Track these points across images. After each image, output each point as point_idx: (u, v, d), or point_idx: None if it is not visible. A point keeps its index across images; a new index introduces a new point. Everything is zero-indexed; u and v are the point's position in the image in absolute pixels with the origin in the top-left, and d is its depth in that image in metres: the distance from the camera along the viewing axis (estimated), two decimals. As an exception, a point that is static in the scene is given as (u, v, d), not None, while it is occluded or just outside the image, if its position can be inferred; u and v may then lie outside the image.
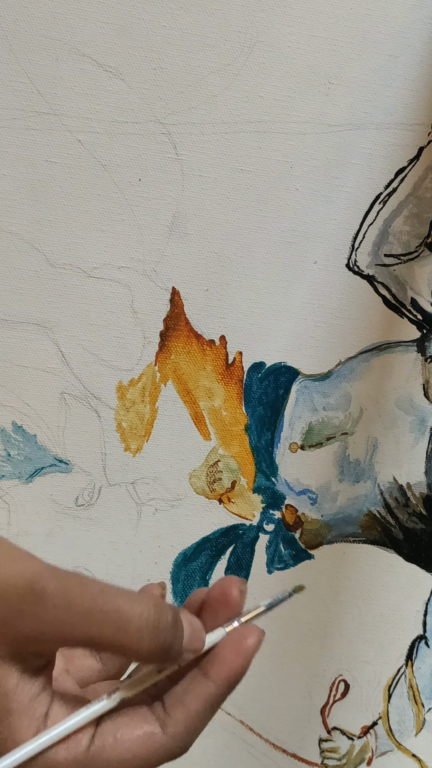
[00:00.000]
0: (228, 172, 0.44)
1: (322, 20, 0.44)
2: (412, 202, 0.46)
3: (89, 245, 0.44)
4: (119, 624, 0.30)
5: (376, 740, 0.50)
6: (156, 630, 0.30)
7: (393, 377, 0.47)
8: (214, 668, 0.32)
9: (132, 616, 0.30)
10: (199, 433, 0.46)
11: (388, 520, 0.48)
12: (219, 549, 0.47)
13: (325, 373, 0.47)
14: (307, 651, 0.49)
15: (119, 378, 0.46)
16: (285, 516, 0.48)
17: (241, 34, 0.43)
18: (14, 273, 0.44)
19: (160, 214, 0.44)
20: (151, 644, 0.30)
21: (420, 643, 0.50)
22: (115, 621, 0.30)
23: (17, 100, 0.43)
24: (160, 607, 0.31)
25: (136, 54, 0.43)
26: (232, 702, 0.49)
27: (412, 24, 0.44)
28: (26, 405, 0.45)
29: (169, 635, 0.31)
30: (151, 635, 0.30)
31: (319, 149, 0.45)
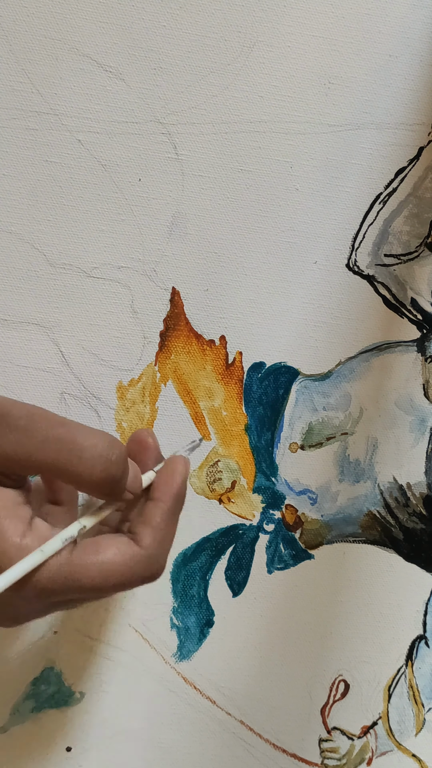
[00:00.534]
0: (228, 172, 0.44)
1: (322, 20, 0.44)
2: (412, 202, 0.46)
3: (89, 245, 0.44)
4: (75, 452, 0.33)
5: (376, 740, 0.50)
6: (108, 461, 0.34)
7: (393, 377, 0.47)
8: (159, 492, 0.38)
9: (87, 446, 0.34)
10: (199, 433, 0.46)
11: (388, 520, 0.48)
12: (219, 549, 0.47)
13: (325, 373, 0.47)
14: (307, 651, 0.49)
15: (119, 378, 0.46)
16: (285, 516, 0.48)
17: (240, 34, 0.43)
18: (14, 273, 0.44)
19: (160, 214, 0.44)
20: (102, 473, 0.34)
21: (420, 643, 0.50)
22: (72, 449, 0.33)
23: (17, 100, 0.43)
24: (113, 442, 0.35)
25: (136, 54, 0.43)
26: (232, 702, 0.49)
27: (412, 24, 0.44)
28: (26, 405, 0.45)
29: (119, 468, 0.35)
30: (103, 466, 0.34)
31: (319, 149, 0.45)
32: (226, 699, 0.49)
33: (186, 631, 0.48)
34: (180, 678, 0.48)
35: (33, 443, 0.33)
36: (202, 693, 0.49)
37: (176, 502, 0.38)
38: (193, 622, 0.48)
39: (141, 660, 0.48)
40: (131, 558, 0.36)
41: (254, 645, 0.49)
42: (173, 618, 0.48)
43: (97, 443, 0.34)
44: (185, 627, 0.48)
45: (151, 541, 0.36)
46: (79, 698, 0.48)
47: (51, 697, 0.47)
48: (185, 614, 0.48)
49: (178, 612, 0.48)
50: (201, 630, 0.48)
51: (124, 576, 0.35)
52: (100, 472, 0.34)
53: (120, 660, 0.48)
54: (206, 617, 0.48)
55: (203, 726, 0.49)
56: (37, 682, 0.47)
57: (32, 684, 0.47)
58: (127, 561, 0.35)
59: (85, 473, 0.34)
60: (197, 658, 0.48)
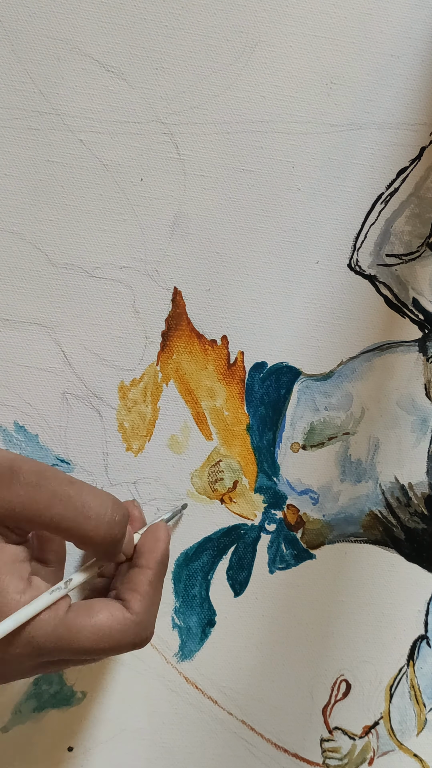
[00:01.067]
0: (230, 171, 0.44)
1: (324, 20, 0.44)
2: (413, 202, 0.46)
3: (91, 245, 0.44)
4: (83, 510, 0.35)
5: (378, 740, 0.50)
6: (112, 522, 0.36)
7: (395, 377, 0.47)
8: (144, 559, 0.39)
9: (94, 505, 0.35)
10: (201, 433, 0.46)
11: (390, 520, 0.48)
12: (221, 549, 0.47)
13: (326, 373, 0.47)
14: (308, 651, 0.49)
15: (121, 378, 0.46)
16: (287, 516, 0.48)
17: (242, 34, 0.43)
18: (15, 273, 0.44)
19: (161, 213, 0.45)
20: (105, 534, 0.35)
21: (421, 642, 0.50)
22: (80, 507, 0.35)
23: (19, 100, 0.43)
24: (117, 504, 0.36)
25: (138, 54, 0.43)
26: (233, 702, 0.49)
27: (413, 24, 0.44)
28: (28, 405, 0.45)
29: (121, 529, 0.36)
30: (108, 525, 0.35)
31: (320, 149, 0.45)
32: (227, 699, 0.49)
33: (188, 630, 0.48)
34: (182, 678, 0.48)
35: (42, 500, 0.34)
36: (203, 693, 0.49)
37: (161, 569, 0.40)
38: (195, 621, 0.48)
39: (142, 660, 0.48)
40: (123, 623, 0.37)
41: (256, 645, 0.49)
42: (175, 618, 0.48)
43: (103, 503, 0.36)
44: (187, 627, 0.48)
45: (140, 608, 0.38)
46: (80, 698, 0.48)
47: (53, 697, 0.48)
48: (187, 614, 0.48)
49: (180, 612, 0.48)
50: (203, 630, 0.48)
51: (115, 640, 0.37)
52: (105, 531, 0.36)
53: (121, 660, 0.48)
54: (208, 617, 0.48)
55: (205, 726, 0.49)
56: (39, 682, 0.47)
57: (34, 684, 0.47)
58: (119, 625, 0.37)
59: (90, 532, 0.35)
60: (199, 657, 0.48)
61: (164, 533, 0.41)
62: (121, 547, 0.38)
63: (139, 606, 0.38)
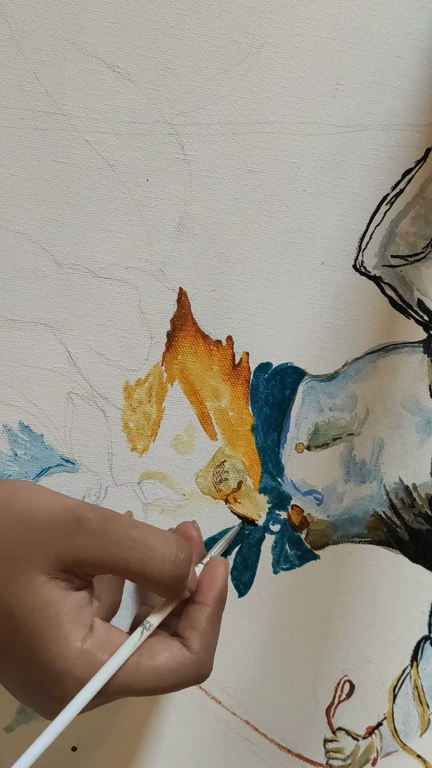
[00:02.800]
0: (235, 172, 0.45)
1: (330, 21, 0.44)
2: (419, 204, 0.46)
3: (96, 245, 0.44)
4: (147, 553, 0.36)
5: (381, 741, 0.50)
6: (177, 561, 0.37)
7: (399, 378, 0.47)
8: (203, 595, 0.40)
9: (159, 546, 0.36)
10: (206, 434, 0.47)
11: (394, 521, 0.48)
12: (225, 549, 0.47)
13: (331, 374, 0.47)
14: (312, 651, 0.49)
15: (126, 378, 0.46)
16: (291, 516, 0.48)
17: (248, 35, 0.43)
18: (21, 273, 0.44)
19: (167, 214, 0.45)
20: (171, 573, 0.36)
21: (425, 643, 0.50)
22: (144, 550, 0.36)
23: (25, 100, 0.43)
24: (181, 543, 0.37)
25: (144, 55, 0.43)
26: (237, 702, 0.49)
27: (419, 25, 0.44)
28: (33, 405, 0.45)
29: (186, 568, 0.37)
30: (173, 565, 0.36)
31: (326, 150, 0.45)
32: (231, 699, 0.49)
33: (192, 631, 0.48)
34: (185, 678, 0.48)
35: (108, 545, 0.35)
36: (207, 693, 0.49)
37: (220, 606, 0.40)
38: (199, 622, 0.48)
39: (147, 660, 0.48)
40: (183, 663, 0.38)
41: (259, 645, 0.49)
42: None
43: (168, 544, 0.37)
44: (191, 627, 0.48)
45: (199, 646, 0.38)
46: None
47: (57, 697, 0.47)
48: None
49: (184, 612, 0.48)
50: (207, 630, 0.48)
51: (176, 680, 0.37)
52: (170, 571, 0.37)
53: (126, 660, 0.48)
54: (212, 617, 0.48)
55: (208, 726, 0.49)
56: (43, 682, 0.47)
57: (38, 683, 0.47)
58: (179, 666, 0.37)
59: (156, 572, 0.36)
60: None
61: (223, 569, 0.42)
62: (185, 586, 0.38)
63: (198, 644, 0.38)
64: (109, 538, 0.35)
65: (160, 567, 0.36)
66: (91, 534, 0.35)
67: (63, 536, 0.35)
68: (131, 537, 0.36)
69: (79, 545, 0.35)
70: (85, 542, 0.35)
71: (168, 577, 0.37)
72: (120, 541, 0.36)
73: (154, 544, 0.36)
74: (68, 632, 0.35)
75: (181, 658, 0.38)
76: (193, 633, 0.39)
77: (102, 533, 0.35)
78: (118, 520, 0.36)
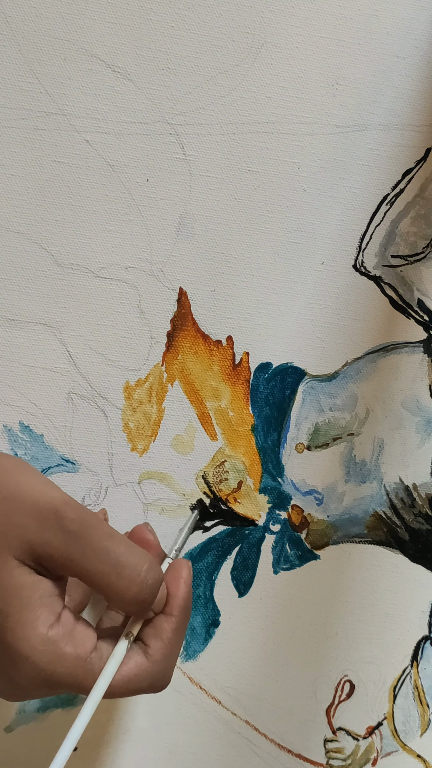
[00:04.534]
0: (235, 172, 0.45)
1: (330, 21, 0.44)
2: (419, 204, 0.46)
3: (96, 245, 0.44)
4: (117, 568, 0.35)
5: (381, 741, 0.50)
6: (143, 584, 0.36)
7: (399, 378, 0.47)
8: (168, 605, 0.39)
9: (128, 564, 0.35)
10: (206, 434, 0.47)
11: (394, 521, 0.48)
12: (225, 549, 0.47)
13: (331, 374, 0.47)
14: (312, 651, 0.49)
15: (126, 378, 0.46)
16: (291, 516, 0.48)
17: (249, 35, 0.43)
18: (21, 273, 0.44)
19: (167, 214, 0.45)
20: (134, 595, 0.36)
21: (425, 643, 0.50)
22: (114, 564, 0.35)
23: (25, 100, 0.43)
24: (153, 567, 0.36)
25: (144, 54, 0.43)
26: (237, 702, 0.49)
27: (419, 25, 0.44)
28: (33, 405, 0.45)
29: (151, 593, 0.36)
30: (138, 588, 0.36)
31: (326, 150, 0.45)
32: (231, 699, 0.49)
33: (192, 631, 0.48)
34: (186, 678, 0.48)
35: (79, 550, 0.35)
36: (207, 693, 0.49)
37: (185, 615, 0.40)
38: (199, 622, 0.48)
39: (147, 660, 0.48)
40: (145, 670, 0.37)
41: (260, 645, 0.49)
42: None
43: (138, 564, 0.36)
44: (191, 627, 0.48)
45: (161, 657, 0.38)
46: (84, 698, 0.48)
47: (57, 697, 0.48)
48: (192, 614, 0.48)
49: (184, 612, 0.48)
50: (207, 630, 0.48)
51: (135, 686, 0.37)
52: (134, 593, 0.36)
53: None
54: (212, 617, 0.48)
55: (209, 726, 0.49)
56: (43, 682, 0.47)
57: (38, 683, 0.47)
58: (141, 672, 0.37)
59: (120, 590, 0.36)
60: (203, 658, 0.48)
61: (186, 573, 0.41)
62: (150, 607, 0.38)
63: (160, 654, 0.38)
64: (82, 543, 0.35)
65: (125, 586, 0.36)
66: (66, 534, 0.35)
67: (40, 528, 0.35)
68: (104, 548, 0.35)
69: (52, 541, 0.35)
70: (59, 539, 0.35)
71: (130, 598, 0.36)
72: (92, 549, 0.35)
73: (125, 562, 0.35)
74: (36, 617, 0.35)
75: (144, 667, 0.37)
76: (157, 642, 0.38)
77: (77, 537, 0.35)
78: (97, 527, 0.36)
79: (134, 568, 0.36)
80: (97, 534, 0.35)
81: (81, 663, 0.36)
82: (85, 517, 0.35)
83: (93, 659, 0.36)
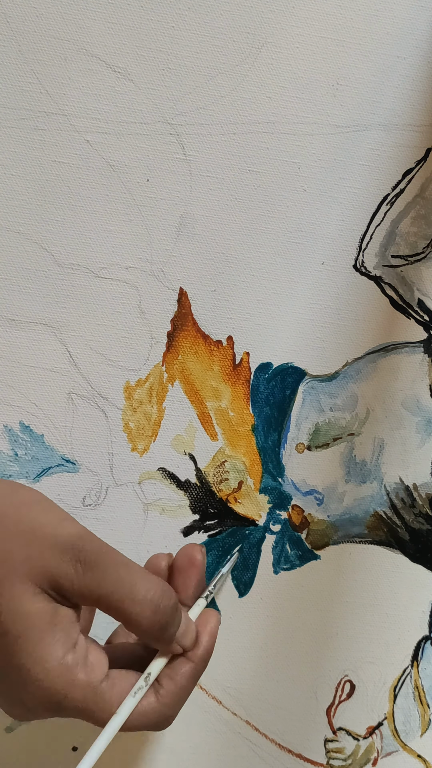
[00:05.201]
0: (236, 172, 0.45)
1: (330, 21, 0.44)
2: (419, 204, 0.46)
3: (97, 245, 0.44)
4: (131, 594, 0.36)
5: (382, 741, 0.50)
6: (156, 609, 0.37)
7: (400, 378, 0.47)
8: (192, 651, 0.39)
9: (142, 589, 0.36)
10: (206, 434, 0.47)
11: (395, 521, 0.48)
12: (225, 549, 0.47)
13: (332, 374, 0.47)
14: (312, 651, 0.49)
15: (126, 378, 0.46)
16: (291, 516, 0.48)
17: (249, 36, 0.43)
18: (22, 273, 0.44)
19: (167, 214, 0.45)
20: (150, 619, 0.37)
21: (426, 643, 0.50)
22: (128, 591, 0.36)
23: (25, 101, 0.43)
24: (167, 591, 0.37)
25: (144, 55, 0.43)
26: (237, 702, 0.49)
27: (419, 25, 0.44)
28: (33, 405, 0.45)
29: (167, 617, 0.37)
30: (152, 610, 0.37)
31: (326, 150, 0.45)
32: (231, 699, 0.49)
33: (192, 631, 0.48)
34: (186, 678, 0.48)
35: (96, 579, 0.36)
36: (208, 693, 0.49)
37: (203, 665, 0.40)
38: (200, 622, 0.48)
39: (147, 660, 0.48)
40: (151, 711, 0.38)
41: (260, 645, 0.49)
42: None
43: (151, 588, 0.37)
44: (191, 627, 0.48)
45: (170, 700, 0.38)
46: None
47: (57, 697, 0.47)
48: (192, 614, 0.48)
49: (185, 612, 0.48)
50: (207, 630, 0.48)
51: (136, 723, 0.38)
52: (149, 617, 0.37)
53: (126, 660, 0.48)
54: (213, 617, 0.48)
55: (209, 726, 0.49)
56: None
57: (38, 684, 0.47)
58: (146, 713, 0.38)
59: (134, 614, 0.37)
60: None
61: (214, 624, 0.41)
62: (172, 635, 0.38)
63: (170, 697, 0.38)
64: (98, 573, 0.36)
65: (139, 610, 0.37)
66: (83, 565, 0.36)
67: (60, 560, 0.36)
68: (119, 576, 0.36)
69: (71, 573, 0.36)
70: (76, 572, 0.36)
71: (146, 622, 0.37)
72: (108, 578, 0.36)
73: (139, 588, 0.37)
74: (55, 641, 0.36)
75: (151, 705, 0.38)
76: (170, 684, 0.39)
77: (93, 567, 0.36)
78: (112, 557, 0.37)
79: (147, 593, 0.37)
80: (112, 564, 0.37)
81: (91, 690, 0.36)
82: (101, 548, 0.37)
83: (104, 688, 0.37)
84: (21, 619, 0.36)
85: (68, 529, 0.37)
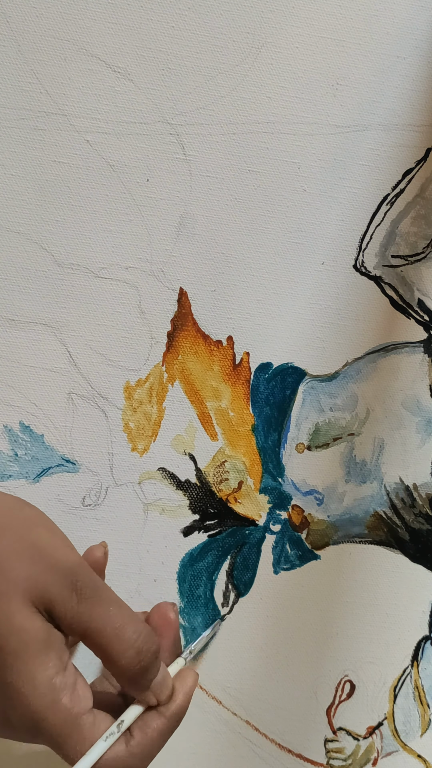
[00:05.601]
0: (236, 172, 0.45)
1: (330, 21, 0.44)
2: (419, 204, 0.46)
3: (97, 245, 0.44)
4: (118, 630, 0.37)
5: (382, 741, 0.50)
6: (140, 651, 0.37)
7: (400, 378, 0.47)
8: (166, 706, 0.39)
9: (128, 630, 0.37)
10: (206, 434, 0.47)
11: (395, 521, 0.48)
12: (225, 549, 0.47)
13: (332, 374, 0.47)
14: (312, 651, 0.49)
15: (126, 378, 0.46)
16: (291, 516, 0.48)
17: (249, 35, 0.43)
18: (22, 273, 0.44)
19: (167, 214, 0.45)
20: (129, 661, 0.37)
21: (426, 643, 0.50)
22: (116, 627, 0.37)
23: (25, 101, 0.43)
24: (150, 636, 0.38)
25: (144, 55, 0.43)
26: (237, 702, 0.49)
27: (419, 25, 0.44)
28: (33, 405, 0.45)
29: (148, 661, 0.37)
30: (133, 654, 0.37)
31: (326, 150, 0.45)
32: (232, 699, 0.49)
33: (192, 631, 0.48)
34: (186, 678, 0.48)
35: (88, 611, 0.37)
36: (208, 693, 0.49)
37: (176, 722, 0.40)
38: (200, 622, 0.48)
39: (147, 660, 0.48)
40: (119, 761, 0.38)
41: (260, 645, 0.49)
42: (180, 618, 0.48)
43: (136, 630, 0.37)
44: (192, 627, 0.48)
45: (140, 752, 0.38)
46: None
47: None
48: (192, 614, 0.48)
49: (185, 612, 0.48)
50: (207, 630, 0.48)
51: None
52: (132, 656, 0.37)
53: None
54: (213, 617, 0.48)
55: (209, 726, 0.49)
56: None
57: (38, 684, 0.47)
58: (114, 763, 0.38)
59: (117, 653, 0.37)
60: (203, 658, 0.48)
61: (191, 683, 0.41)
62: (149, 681, 0.38)
63: (140, 749, 0.38)
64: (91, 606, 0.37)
65: (123, 649, 0.37)
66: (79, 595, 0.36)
67: (60, 585, 0.36)
68: (110, 613, 0.37)
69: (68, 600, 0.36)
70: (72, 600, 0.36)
71: (128, 662, 0.37)
72: (99, 613, 0.37)
73: (126, 627, 0.37)
74: (47, 660, 0.36)
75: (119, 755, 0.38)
76: (141, 736, 0.39)
77: (88, 599, 0.37)
78: (106, 594, 0.37)
79: (133, 634, 0.37)
80: (106, 600, 0.37)
81: (72, 719, 0.36)
82: (97, 583, 0.37)
83: (84, 721, 0.36)
84: (16, 636, 0.35)
85: (70, 556, 0.38)
